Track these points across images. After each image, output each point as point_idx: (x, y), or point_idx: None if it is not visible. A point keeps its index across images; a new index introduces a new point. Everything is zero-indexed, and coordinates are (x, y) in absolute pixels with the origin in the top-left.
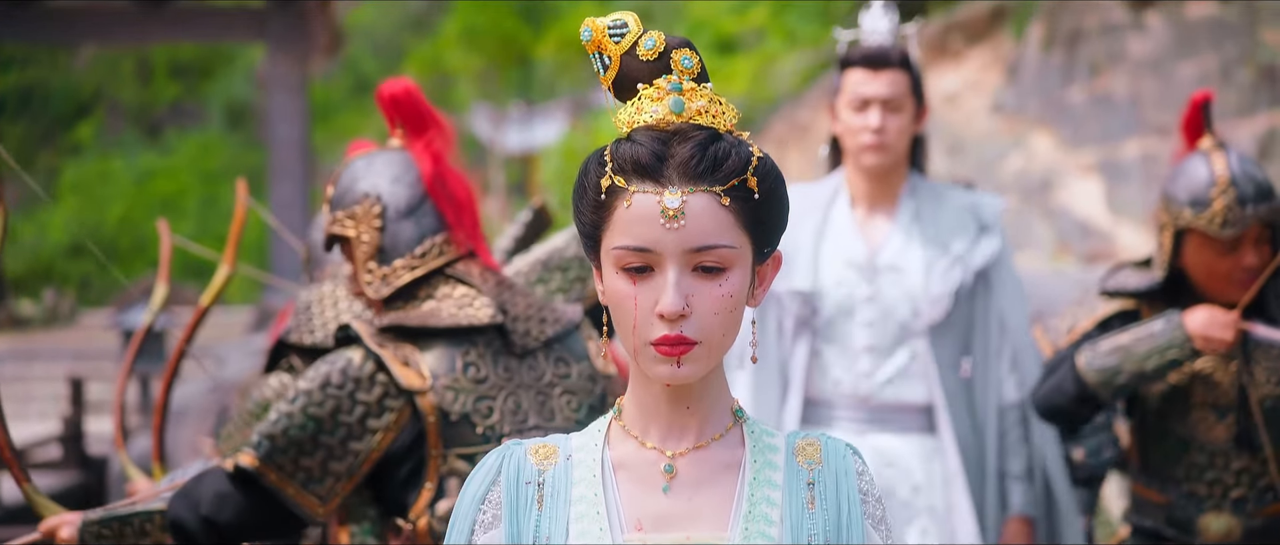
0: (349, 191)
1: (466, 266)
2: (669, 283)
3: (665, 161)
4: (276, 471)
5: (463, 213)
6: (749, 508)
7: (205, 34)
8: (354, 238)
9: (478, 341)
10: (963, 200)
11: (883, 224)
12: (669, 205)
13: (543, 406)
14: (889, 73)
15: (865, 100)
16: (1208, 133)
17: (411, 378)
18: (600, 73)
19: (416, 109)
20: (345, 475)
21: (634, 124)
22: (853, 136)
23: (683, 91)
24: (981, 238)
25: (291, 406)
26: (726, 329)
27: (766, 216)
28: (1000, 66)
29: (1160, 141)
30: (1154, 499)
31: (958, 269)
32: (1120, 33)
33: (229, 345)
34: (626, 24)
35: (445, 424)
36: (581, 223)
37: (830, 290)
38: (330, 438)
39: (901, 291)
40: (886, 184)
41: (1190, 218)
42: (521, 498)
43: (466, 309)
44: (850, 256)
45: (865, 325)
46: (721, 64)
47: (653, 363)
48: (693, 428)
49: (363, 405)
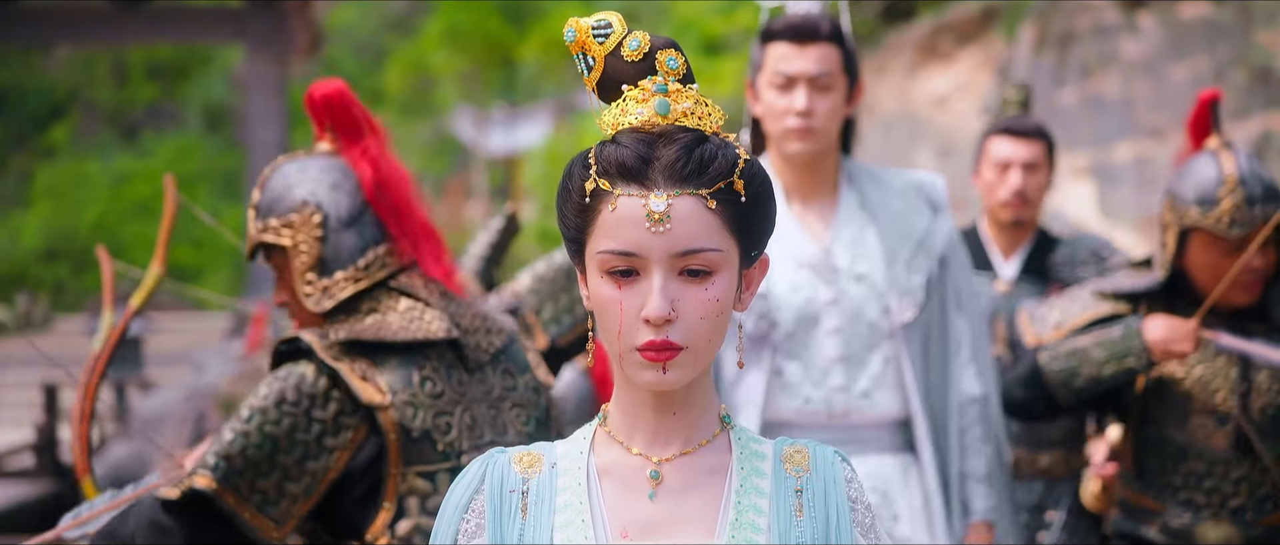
0: (282, 198)
1: (410, 278)
2: (654, 287)
3: (650, 164)
4: (234, 494)
5: (404, 222)
6: (736, 515)
7: (182, 34)
8: (290, 247)
9: (431, 356)
10: (904, 181)
11: (825, 217)
12: (654, 208)
13: (495, 421)
14: (817, 47)
15: (789, 78)
16: (1215, 132)
17: (372, 393)
18: (584, 74)
19: (349, 112)
20: (302, 496)
21: (619, 126)
22: (776, 119)
23: (668, 93)
24: (937, 218)
25: (247, 425)
26: (713, 334)
27: (754, 219)
28: (991, 68)
29: (1154, 144)
30: (1148, 506)
31: (923, 256)
32: (1113, 34)
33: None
34: (611, 24)
35: (406, 441)
36: (566, 227)
37: (787, 297)
38: (287, 457)
39: (867, 289)
40: (817, 173)
41: (1197, 217)
42: (505, 506)
43: (417, 322)
44: (801, 256)
45: (832, 333)
46: (708, 65)
47: (639, 368)
48: (679, 434)
49: (319, 423)
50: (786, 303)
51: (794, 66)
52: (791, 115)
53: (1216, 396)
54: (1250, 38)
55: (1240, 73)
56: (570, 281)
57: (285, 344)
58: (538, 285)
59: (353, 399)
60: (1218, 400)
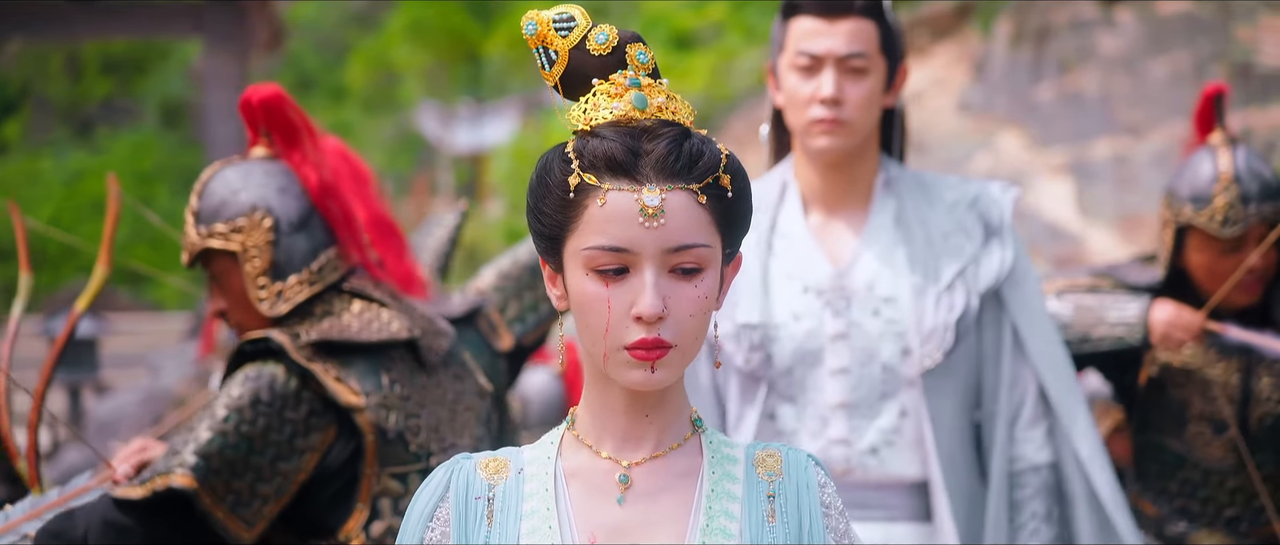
0: (228, 203)
1: (360, 280)
2: (647, 284)
3: (640, 158)
4: (210, 494)
5: (353, 224)
6: (707, 520)
7: (139, 29)
8: (240, 252)
9: (394, 357)
10: (959, 193)
11: (851, 232)
12: (649, 203)
13: (454, 421)
14: (850, 21)
15: (816, 59)
16: (1220, 126)
17: (347, 395)
18: (545, 68)
19: (286, 116)
20: (273, 497)
21: (592, 121)
22: (799, 110)
23: (641, 86)
24: (990, 244)
25: (225, 425)
26: (699, 332)
27: (738, 215)
28: (967, 63)
29: (1132, 141)
30: (1147, 511)
31: (961, 291)
32: (1090, 29)
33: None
34: (573, 17)
35: (383, 442)
36: (542, 223)
37: (786, 326)
38: (260, 458)
39: (885, 325)
40: (850, 176)
41: (1191, 214)
42: (471, 513)
43: (376, 323)
44: (810, 279)
45: (837, 374)
46: (678, 60)
47: (625, 368)
48: (651, 437)
49: (291, 424)
50: (785, 333)
51: (820, 45)
52: (817, 104)
53: (1215, 403)
54: (1230, 33)
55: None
56: (536, 279)
57: (252, 344)
58: (502, 283)
59: (323, 400)
60: (1217, 407)
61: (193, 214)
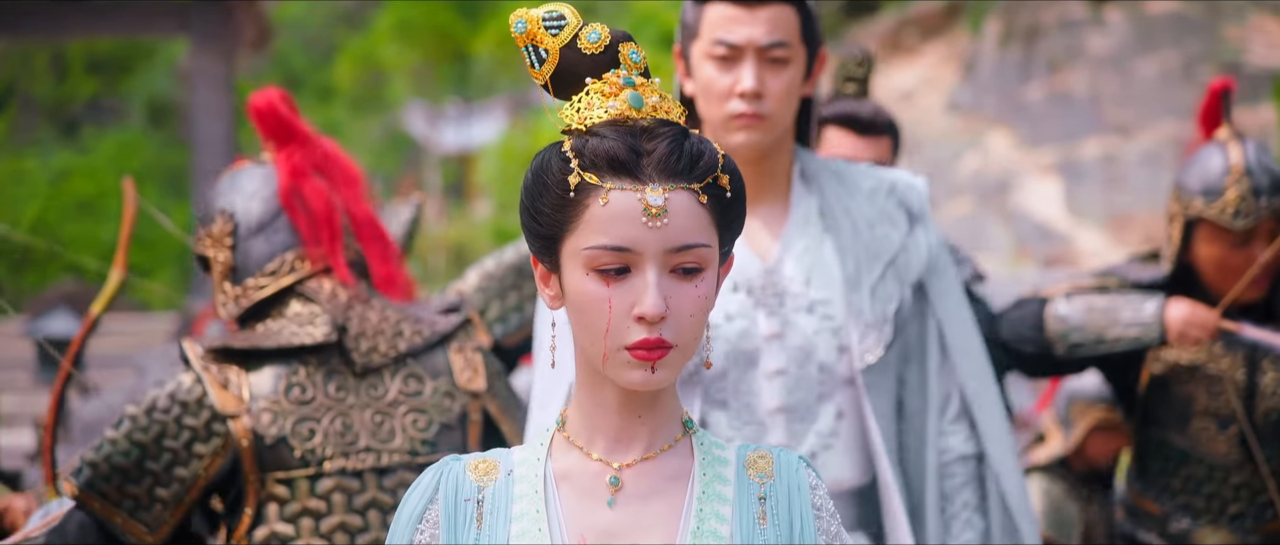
0: (210, 208)
1: (319, 283)
2: (649, 283)
3: (642, 157)
4: (100, 500)
5: (320, 227)
6: (698, 523)
7: (125, 28)
8: (212, 257)
9: (309, 361)
10: (875, 181)
11: (773, 226)
12: (652, 203)
13: (380, 427)
14: (770, 8)
15: (734, 48)
16: (1226, 123)
17: (227, 401)
18: (534, 67)
19: (279, 120)
20: (172, 502)
21: (587, 120)
22: (716, 103)
23: (636, 85)
24: (914, 231)
25: (116, 433)
26: (698, 332)
27: (735, 215)
28: (956, 63)
29: (1121, 140)
30: (1150, 509)
31: (893, 281)
32: (1079, 29)
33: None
34: (563, 16)
35: (260, 447)
36: (539, 223)
37: (719, 327)
38: (155, 464)
39: (820, 322)
40: (767, 170)
41: (1201, 207)
42: (460, 515)
43: (304, 328)
44: (739, 276)
45: (774, 376)
46: (666, 59)
47: (626, 368)
48: (642, 438)
49: (189, 430)
50: (718, 335)
51: (739, 34)
52: (736, 98)
53: (1220, 398)
54: (1218, 32)
55: (1208, 68)
56: (520, 280)
57: (180, 351)
58: (485, 283)
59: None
60: (1221, 403)
61: (197, 219)
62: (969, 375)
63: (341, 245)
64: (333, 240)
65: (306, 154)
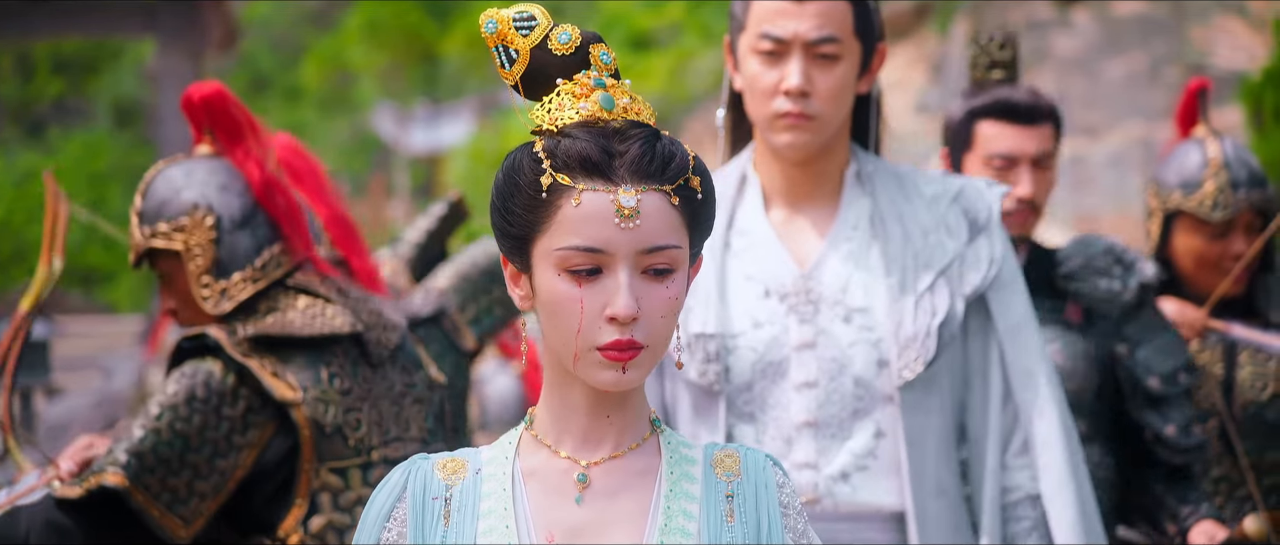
0: (170, 202)
1: (306, 276)
2: (621, 284)
3: (615, 158)
4: (144, 492)
5: (296, 221)
6: (665, 520)
7: (91, 28)
8: (183, 251)
9: (336, 352)
10: (941, 187)
11: (817, 229)
12: (625, 204)
13: (398, 416)
14: (820, 1)
15: (781, 43)
16: (1203, 121)
17: (283, 389)
18: (504, 67)
19: (229, 113)
20: (211, 494)
21: (558, 121)
22: (762, 100)
23: (606, 87)
24: (976, 242)
25: (158, 423)
26: (669, 333)
27: (706, 217)
28: (925, 64)
29: (1088, 142)
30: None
31: (944, 293)
32: (1046, 30)
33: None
34: (534, 16)
35: (320, 437)
36: (511, 223)
37: (746, 334)
38: (197, 455)
39: (857, 333)
40: (817, 171)
41: (1180, 200)
42: (428, 513)
43: (320, 318)
44: (772, 281)
45: (803, 388)
46: (636, 61)
47: (597, 369)
48: (610, 437)
49: (228, 420)
50: (745, 342)
51: (786, 27)
52: (781, 95)
53: (1199, 392)
54: (1184, 34)
55: (1175, 70)
56: (493, 282)
57: (190, 340)
58: (460, 284)
59: (262, 396)
60: (1200, 396)
61: (137, 214)
62: (1027, 402)
63: (312, 239)
64: (305, 234)
65: (263, 147)
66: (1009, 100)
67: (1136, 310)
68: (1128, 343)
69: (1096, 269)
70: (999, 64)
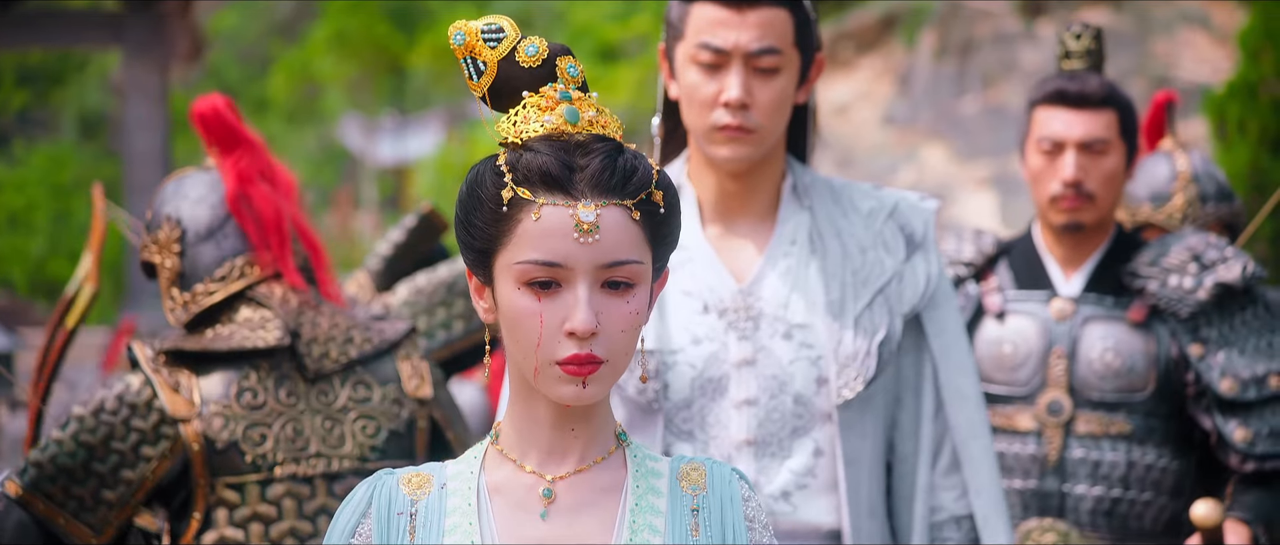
0: (156, 215)
1: (269, 288)
2: (580, 299)
3: (575, 173)
4: (44, 500)
5: (268, 233)
6: (631, 534)
7: (56, 39)
8: (159, 264)
9: (260, 366)
10: (876, 202)
11: (755, 244)
12: (584, 219)
13: (330, 433)
14: (760, 10)
15: (721, 54)
16: (1170, 134)
17: (178, 405)
18: (472, 79)
19: (223, 126)
20: (118, 504)
21: (523, 134)
22: (701, 111)
23: (572, 100)
24: (912, 259)
25: (63, 434)
26: (629, 348)
27: (669, 231)
28: (892, 76)
29: None
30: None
31: (882, 310)
32: (1013, 42)
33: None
34: (502, 29)
35: (211, 452)
36: (473, 236)
37: (685, 351)
38: (102, 465)
39: (798, 350)
40: (753, 184)
41: (1149, 213)
42: (392, 529)
43: (257, 332)
44: (710, 297)
45: (743, 406)
46: (604, 73)
47: (556, 383)
48: (575, 451)
49: (138, 432)
50: (684, 359)
51: (727, 38)
52: (720, 108)
53: None
54: (1148, 47)
55: (1139, 82)
56: (450, 296)
57: (129, 351)
58: (415, 298)
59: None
60: None
61: (143, 225)
62: (960, 422)
63: (290, 250)
64: (282, 245)
65: (253, 160)
66: (1060, 85)
67: (1217, 310)
68: (1204, 343)
69: (1169, 266)
70: (1077, 54)
